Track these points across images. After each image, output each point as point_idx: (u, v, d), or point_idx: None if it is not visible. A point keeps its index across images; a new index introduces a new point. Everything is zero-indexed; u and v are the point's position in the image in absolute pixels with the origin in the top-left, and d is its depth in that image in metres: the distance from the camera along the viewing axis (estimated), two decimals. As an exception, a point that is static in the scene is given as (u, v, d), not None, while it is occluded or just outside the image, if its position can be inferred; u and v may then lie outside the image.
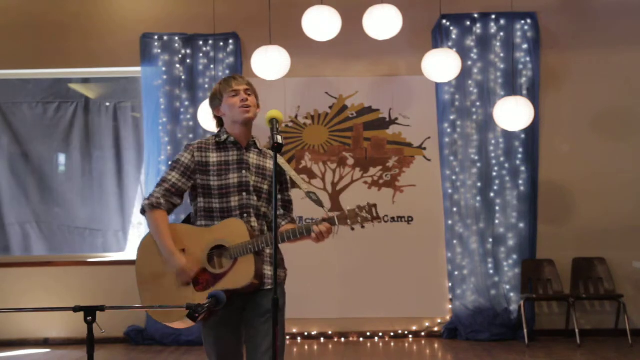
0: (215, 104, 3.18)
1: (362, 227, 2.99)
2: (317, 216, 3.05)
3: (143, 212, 3.10)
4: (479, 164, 6.95)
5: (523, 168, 6.92)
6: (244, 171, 3.09)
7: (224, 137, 3.13)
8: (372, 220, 2.92)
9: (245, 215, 3.06)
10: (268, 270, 3.06)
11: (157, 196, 3.07)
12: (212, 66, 7.01)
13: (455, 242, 6.94)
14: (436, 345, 6.66)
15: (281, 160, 3.04)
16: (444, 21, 6.98)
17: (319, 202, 2.98)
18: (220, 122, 3.23)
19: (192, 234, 3.06)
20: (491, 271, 6.89)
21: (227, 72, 6.99)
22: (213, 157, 3.10)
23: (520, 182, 6.92)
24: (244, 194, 3.07)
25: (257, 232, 3.06)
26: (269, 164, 3.16)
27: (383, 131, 7.10)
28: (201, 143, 3.14)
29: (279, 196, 3.17)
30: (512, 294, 6.85)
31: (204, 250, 3.01)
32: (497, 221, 6.92)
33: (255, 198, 3.08)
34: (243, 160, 3.10)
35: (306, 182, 3.27)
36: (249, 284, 2.93)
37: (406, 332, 6.97)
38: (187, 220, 3.19)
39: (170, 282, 3.03)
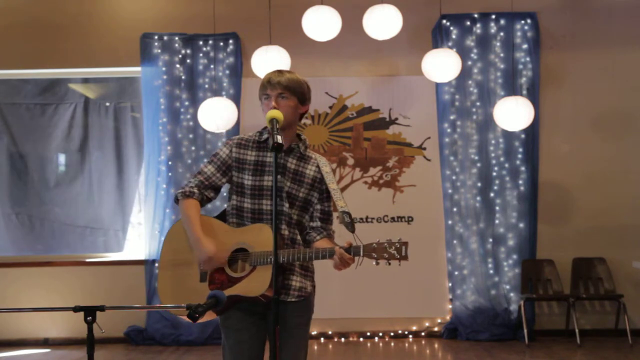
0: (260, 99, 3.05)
1: (388, 264, 2.75)
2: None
3: (176, 200, 3.05)
4: (479, 164, 6.95)
5: (523, 168, 6.92)
6: (279, 176, 2.96)
7: (264, 136, 3.03)
8: (399, 259, 2.74)
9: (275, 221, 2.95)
10: (295, 282, 2.97)
11: (192, 186, 3.01)
12: (212, 66, 7.01)
13: (455, 242, 6.94)
14: (436, 345, 6.66)
15: (326, 169, 2.96)
16: (444, 21, 6.98)
17: (350, 226, 2.79)
18: None
19: (221, 231, 2.98)
20: (491, 271, 6.89)
21: (227, 72, 7.00)
22: (251, 155, 3.00)
23: (520, 182, 6.92)
24: (277, 199, 2.93)
25: (287, 240, 2.95)
26: (310, 170, 3.05)
27: (383, 131, 7.10)
28: (241, 139, 3.05)
29: (318, 206, 3.06)
30: (512, 294, 6.85)
31: (228, 249, 2.93)
32: (497, 221, 6.92)
33: (287, 205, 2.97)
34: (280, 164, 2.99)
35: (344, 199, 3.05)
36: (260, 295, 2.81)
37: (406, 332, 6.97)
38: (221, 217, 3.09)
39: (189, 273, 2.95)
